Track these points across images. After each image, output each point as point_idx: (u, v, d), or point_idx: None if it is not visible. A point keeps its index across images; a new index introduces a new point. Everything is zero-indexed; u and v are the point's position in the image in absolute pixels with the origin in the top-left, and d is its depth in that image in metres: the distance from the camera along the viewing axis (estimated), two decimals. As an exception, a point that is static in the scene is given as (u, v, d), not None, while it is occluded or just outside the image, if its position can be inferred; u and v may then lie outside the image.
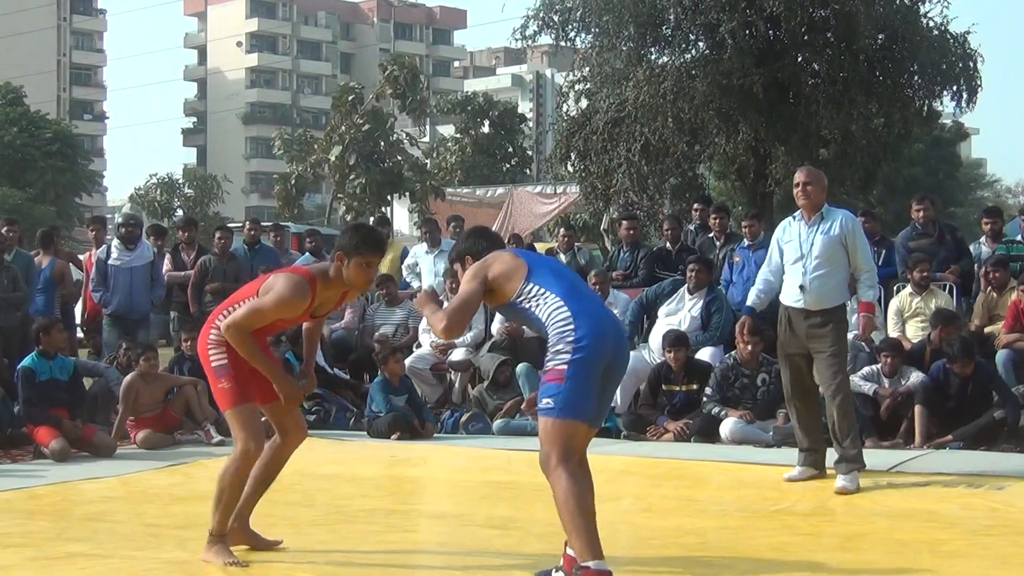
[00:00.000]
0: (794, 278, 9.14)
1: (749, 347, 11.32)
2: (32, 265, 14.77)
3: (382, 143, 45.93)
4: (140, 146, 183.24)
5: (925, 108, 22.68)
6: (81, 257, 17.45)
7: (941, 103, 23.06)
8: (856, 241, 9.15)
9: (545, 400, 5.74)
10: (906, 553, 6.76)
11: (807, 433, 9.29)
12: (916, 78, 22.26)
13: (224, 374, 6.43)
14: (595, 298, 5.91)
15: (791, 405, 9.46)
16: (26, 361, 11.50)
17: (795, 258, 9.14)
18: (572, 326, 5.63)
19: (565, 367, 5.63)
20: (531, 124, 62.14)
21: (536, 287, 5.75)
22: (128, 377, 11.97)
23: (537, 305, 5.74)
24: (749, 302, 9.71)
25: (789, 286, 9.20)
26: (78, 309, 16.29)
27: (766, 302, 9.54)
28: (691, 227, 15.14)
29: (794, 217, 9.33)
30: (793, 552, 6.73)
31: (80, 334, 15.99)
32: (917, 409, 10.66)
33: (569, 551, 5.77)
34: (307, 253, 16.08)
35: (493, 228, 27.50)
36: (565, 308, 5.67)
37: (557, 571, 5.84)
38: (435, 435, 11.62)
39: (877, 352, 11.44)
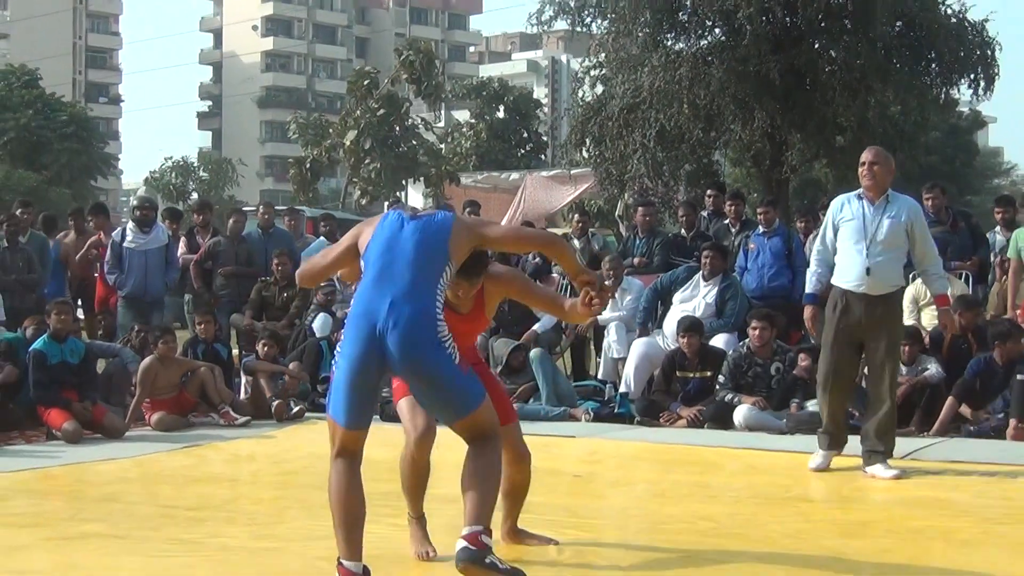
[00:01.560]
0: (855, 260, 8.71)
1: (757, 332, 11.34)
2: (47, 247, 14.82)
3: (397, 128, 46.01)
4: (155, 129, 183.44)
5: (942, 96, 22.67)
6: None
7: (958, 91, 23.05)
8: (924, 230, 8.88)
9: None
10: (919, 541, 6.76)
11: (835, 419, 8.97)
12: (933, 66, 22.25)
13: None
14: (393, 283, 5.29)
15: (825, 391, 8.95)
16: (37, 344, 11.52)
17: (857, 239, 8.70)
18: (345, 326, 5.41)
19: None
20: (546, 110, 62.26)
21: (364, 265, 5.48)
22: (146, 360, 12.00)
23: None
24: (811, 289, 9.20)
25: (848, 268, 8.76)
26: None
27: (827, 284, 9.08)
28: (704, 213, 15.11)
29: (857, 196, 8.85)
30: (806, 538, 6.72)
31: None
32: (949, 401, 10.66)
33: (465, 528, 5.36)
34: (322, 237, 16.08)
35: (507, 213, 27.56)
36: (354, 304, 5.40)
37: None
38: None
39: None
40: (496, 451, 5.45)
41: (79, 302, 14.95)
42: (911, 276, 12.58)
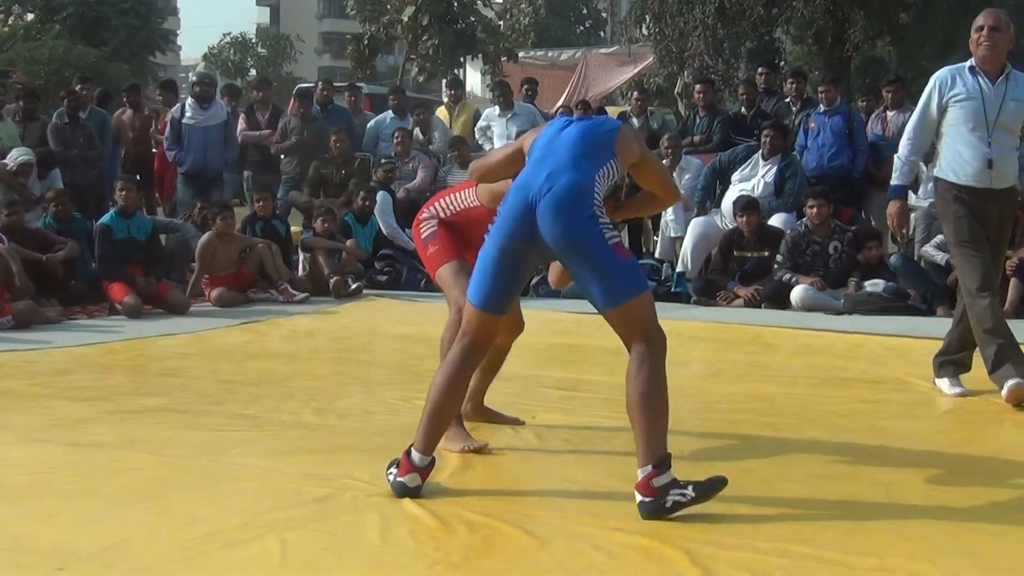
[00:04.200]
0: (975, 150, 7.11)
1: (815, 210, 11.29)
2: (108, 123, 14.91)
3: (455, 4, 45.48)
4: (213, 5, 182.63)
5: (1013, -31, 22.19)
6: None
7: (1031, -37, 22.60)
8: None
9: None
10: (975, 422, 6.75)
11: (1004, 329, 7.17)
12: (1004, -62, 21.76)
13: (432, 239, 6.02)
14: (554, 160, 5.00)
15: (983, 298, 7.05)
16: (105, 218, 11.69)
17: (975, 124, 7.10)
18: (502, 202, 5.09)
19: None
20: (606, -15, 61.41)
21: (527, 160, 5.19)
22: (205, 236, 12.10)
23: None
24: (902, 180, 7.44)
25: (966, 159, 7.13)
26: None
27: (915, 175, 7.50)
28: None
29: (970, 70, 7.19)
30: (861, 419, 6.73)
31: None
32: (1012, 283, 10.56)
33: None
34: (389, 111, 15.98)
35: (566, 92, 27.37)
36: (513, 183, 5.08)
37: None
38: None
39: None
40: (661, 361, 4.84)
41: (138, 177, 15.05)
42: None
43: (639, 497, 4.62)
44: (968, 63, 7.20)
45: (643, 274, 5.11)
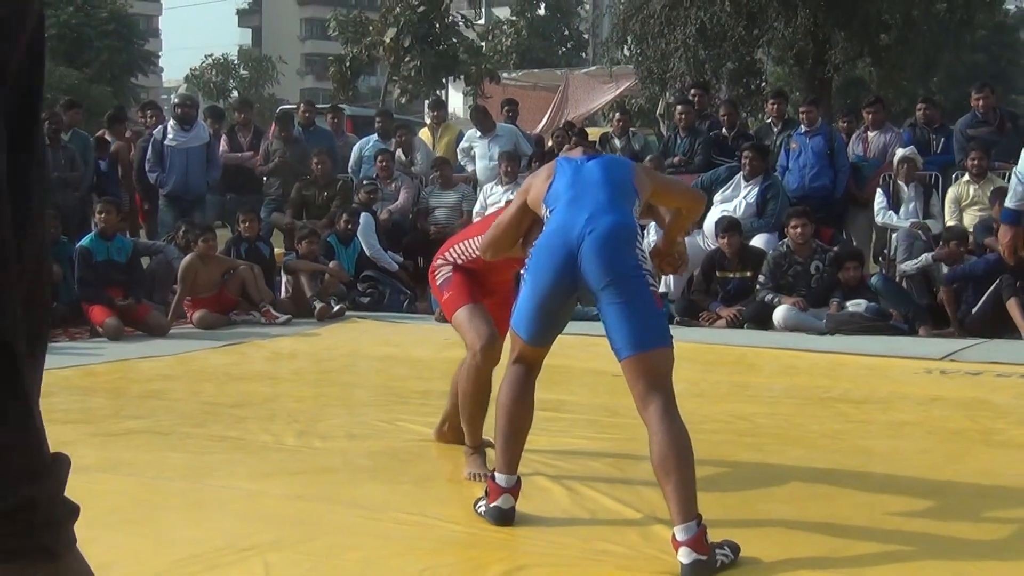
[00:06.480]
0: None
1: (799, 230, 11.32)
2: (89, 146, 14.87)
3: (437, 25, 45.60)
4: (195, 26, 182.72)
5: (989, -7, 22.29)
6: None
7: (1005, -12, 22.70)
8: None
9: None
10: (958, 442, 6.75)
11: None
12: (980, -39, 21.89)
13: (447, 285, 5.90)
14: (590, 203, 4.86)
15: None
16: (84, 241, 11.66)
17: None
18: (534, 247, 4.93)
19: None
20: (587, 7, 61.64)
21: (549, 211, 4.98)
22: (187, 258, 12.08)
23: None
24: (1014, 206, 6.50)
25: None
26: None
27: None
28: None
29: None
30: (844, 439, 6.73)
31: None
32: (947, 299, 10.70)
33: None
34: (375, 135, 16.00)
35: (548, 112, 27.44)
36: (547, 225, 4.92)
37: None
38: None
39: (945, 242, 11.42)
40: (678, 415, 4.63)
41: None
42: (953, 176, 12.55)
43: (691, 555, 4.28)
44: None
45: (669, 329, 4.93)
